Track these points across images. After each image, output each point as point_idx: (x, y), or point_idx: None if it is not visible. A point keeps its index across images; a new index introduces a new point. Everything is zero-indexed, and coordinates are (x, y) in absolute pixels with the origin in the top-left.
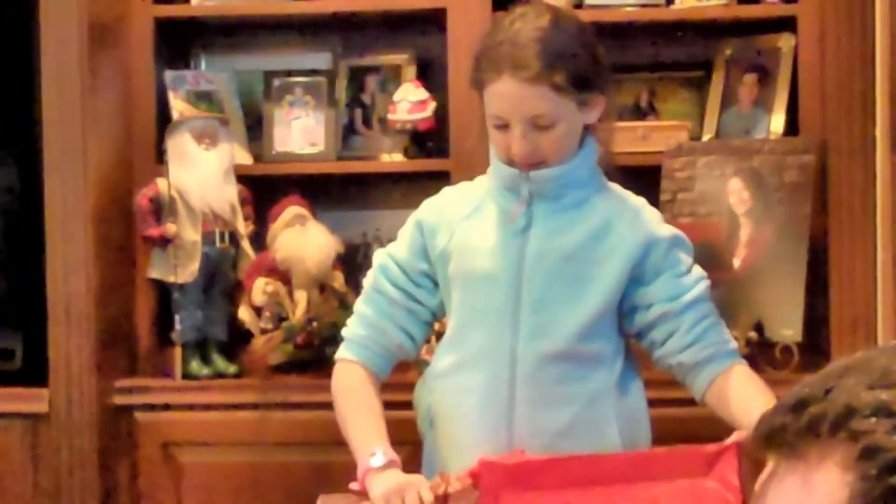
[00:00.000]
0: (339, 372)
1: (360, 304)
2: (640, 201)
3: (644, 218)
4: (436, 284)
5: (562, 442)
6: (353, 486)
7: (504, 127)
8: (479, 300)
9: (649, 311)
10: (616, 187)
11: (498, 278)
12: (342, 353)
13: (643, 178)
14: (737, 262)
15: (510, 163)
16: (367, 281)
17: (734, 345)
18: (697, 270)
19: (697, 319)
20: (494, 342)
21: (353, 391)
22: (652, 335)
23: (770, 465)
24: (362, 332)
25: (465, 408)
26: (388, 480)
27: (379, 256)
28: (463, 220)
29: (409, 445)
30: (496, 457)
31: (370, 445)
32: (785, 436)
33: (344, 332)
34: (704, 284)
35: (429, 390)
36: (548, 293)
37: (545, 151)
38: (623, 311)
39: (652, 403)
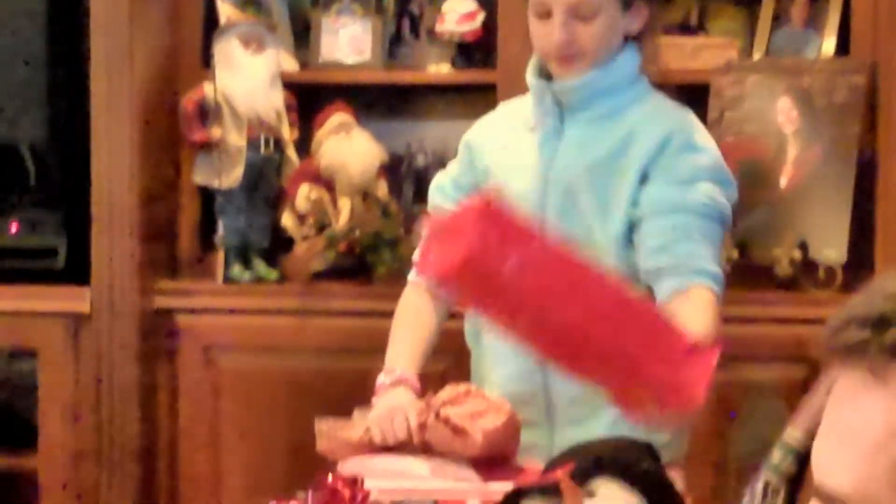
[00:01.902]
0: (403, 293)
1: (424, 227)
2: (678, 109)
3: (670, 120)
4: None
5: None
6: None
7: (546, 16)
8: None
9: (636, 210)
10: (660, 98)
11: (526, 193)
12: (410, 275)
13: (691, 96)
14: (783, 182)
15: (547, 63)
16: (428, 203)
17: (706, 265)
18: (706, 186)
19: (673, 227)
20: None
21: (401, 314)
22: (633, 238)
23: (843, 376)
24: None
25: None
26: (383, 402)
27: (435, 178)
28: (503, 139)
29: (451, 354)
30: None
31: (390, 363)
32: (866, 352)
33: (414, 256)
34: (703, 199)
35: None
36: (569, 207)
37: (583, 44)
38: None
39: None
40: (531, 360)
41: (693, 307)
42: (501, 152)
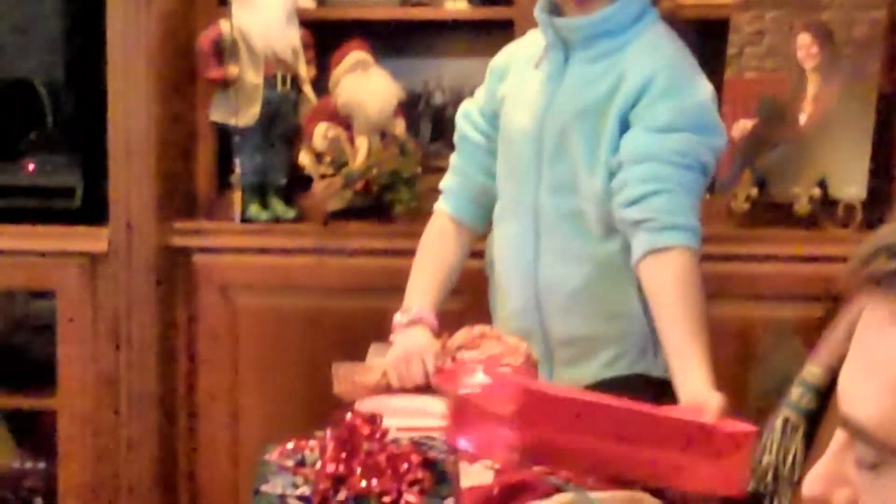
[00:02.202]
0: (428, 225)
1: (452, 156)
2: (669, 47)
3: (656, 59)
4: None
5: (579, 299)
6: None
7: None
8: (513, 151)
9: (615, 157)
10: (657, 33)
11: (526, 130)
12: (437, 204)
13: (710, 32)
14: (802, 119)
15: (564, 3)
16: (455, 131)
17: (681, 220)
18: (687, 135)
19: (647, 178)
20: (523, 194)
21: (425, 245)
22: (612, 185)
23: (870, 307)
24: (451, 180)
25: (505, 255)
26: (400, 344)
27: (462, 105)
28: (521, 68)
29: (470, 294)
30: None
31: (408, 301)
32: (895, 283)
33: (440, 184)
34: (682, 149)
35: (491, 236)
36: (562, 149)
37: None
38: None
39: None
40: (529, 297)
41: (673, 281)
42: (515, 84)
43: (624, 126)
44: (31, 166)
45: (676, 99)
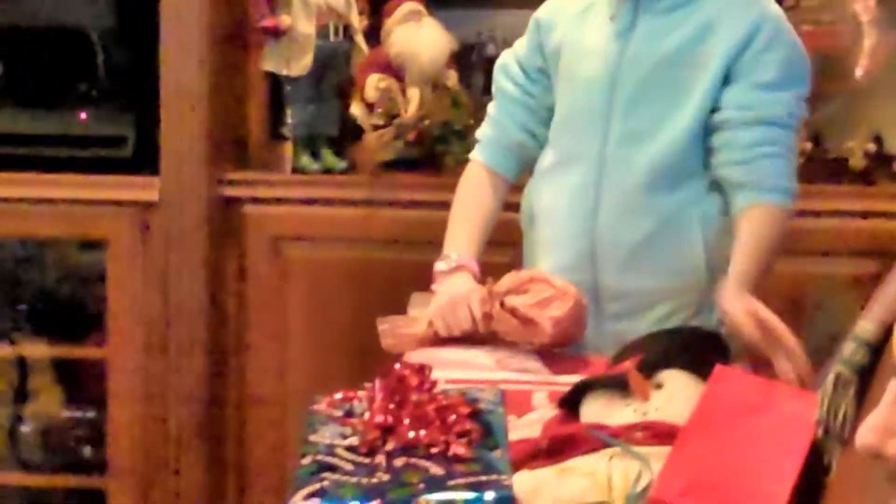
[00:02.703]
0: (463, 174)
1: (489, 106)
2: (756, 1)
3: (754, 11)
4: (551, 81)
5: (640, 254)
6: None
7: None
8: (577, 101)
9: (719, 112)
10: None
11: (595, 80)
12: (472, 153)
13: None
14: (858, 72)
15: None
16: (493, 82)
17: (783, 182)
18: (792, 94)
19: (757, 142)
20: (586, 144)
21: (462, 195)
22: (712, 139)
23: None
24: (488, 131)
25: (557, 208)
26: (444, 292)
27: (502, 55)
28: (576, 17)
29: (510, 246)
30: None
31: (448, 249)
32: None
33: (476, 133)
34: (788, 109)
35: (533, 188)
36: (640, 98)
37: None
38: None
39: None
40: (583, 251)
41: (763, 234)
42: (574, 32)
43: (726, 75)
44: (83, 115)
45: (780, 52)
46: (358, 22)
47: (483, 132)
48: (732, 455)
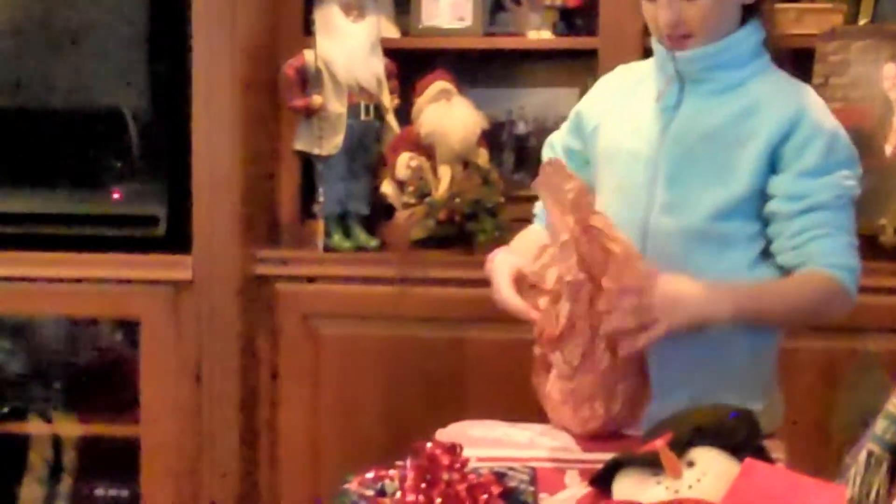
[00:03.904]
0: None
1: None
2: (801, 87)
3: (796, 100)
4: (586, 163)
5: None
6: None
7: None
8: (620, 175)
9: (769, 203)
10: (783, 74)
11: (639, 154)
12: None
13: (795, 62)
14: (888, 150)
15: (661, 41)
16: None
17: (836, 260)
18: (838, 174)
19: (806, 228)
20: (629, 216)
21: (520, 235)
22: (768, 229)
23: None
24: (539, 203)
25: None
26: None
27: (550, 137)
28: (620, 96)
29: None
30: None
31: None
32: None
33: (535, 209)
34: (836, 192)
35: None
36: (684, 171)
37: (691, 23)
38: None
39: None
40: None
41: (800, 279)
42: (616, 108)
43: (772, 162)
44: (116, 195)
45: (825, 138)
46: (389, 101)
47: (537, 205)
48: None
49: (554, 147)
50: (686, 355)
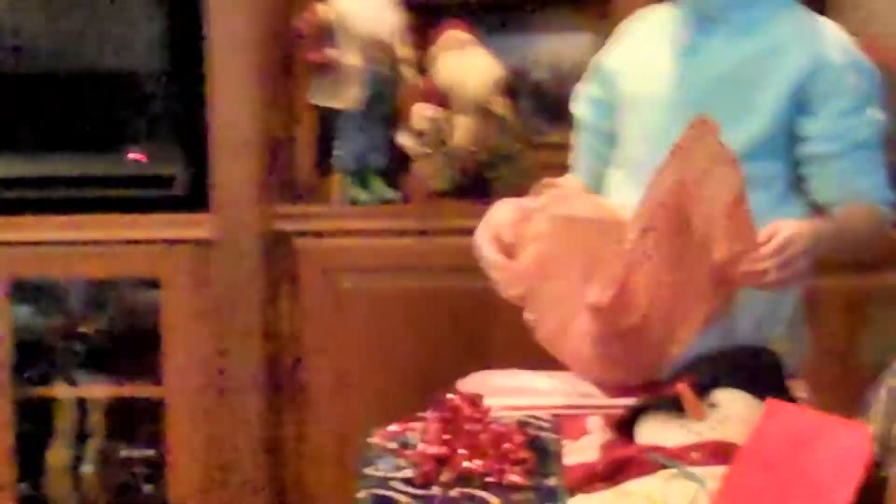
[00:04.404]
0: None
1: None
2: (822, 24)
3: (820, 39)
4: (612, 110)
5: None
6: None
7: None
8: (642, 121)
9: (805, 145)
10: (803, 11)
11: (659, 100)
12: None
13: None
14: None
15: None
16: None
17: (878, 194)
18: (871, 109)
19: (850, 166)
20: (652, 162)
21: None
22: (803, 170)
23: None
24: (572, 157)
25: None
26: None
27: (577, 87)
28: (639, 42)
29: None
30: None
31: None
32: None
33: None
34: (872, 128)
35: None
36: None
37: None
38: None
39: None
40: None
41: (851, 210)
42: (634, 58)
43: (800, 103)
44: (133, 155)
45: (853, 75)
46: (405, 52)
47: (572, 157)
48: (785, 488)
49: (580, 98)
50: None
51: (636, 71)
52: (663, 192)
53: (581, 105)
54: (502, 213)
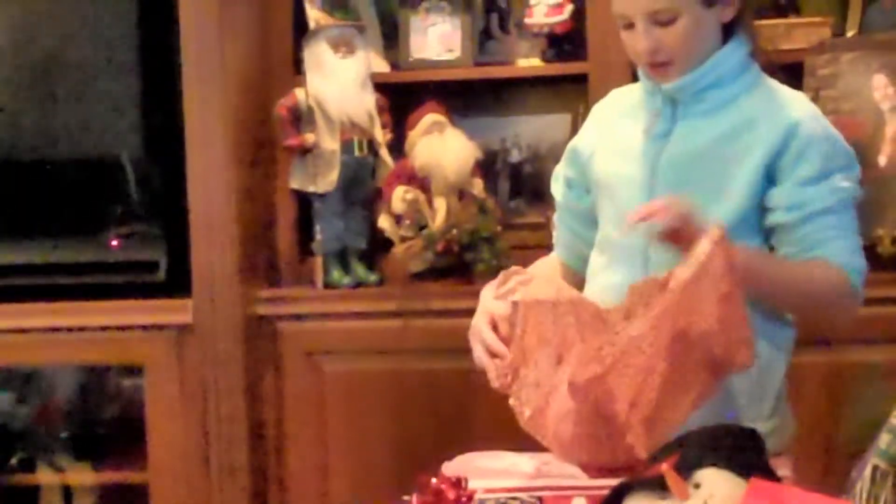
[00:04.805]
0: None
1: (555, 215)
2: (792, 95)
3: (788, 112)
4: (587, 192)
5: None
6: None
7: (630, 26)
8: (619, 204)
9: (770, 215)
10: (774, 84)
11: (634, 181)
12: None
13: (785, 76)
14: (882, 160)
15: (644, 69)
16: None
17: (844, 259)
18: (836, 177)
19: (810, 234)
20: (630, 244)
21: (539, 262)
22: (771, 241)
23: None
24: (554, 235)
25: (609, 305)
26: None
27: (556, 169)
28: (614, 123)
29: None
30: None
31: None
32: None
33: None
34: (837, 196)
35: (587, 291)
36: (678, 195)
37: (669, 49)
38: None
39: None
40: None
41: (813, 264)
42: (612, 136)
43: (770, 174)
44: (115, 242)
45: (819, 146)
46: (381, 135)
47: (553, 235)
48: None
49: (558, 179)
50: None
51: (610, 153)
52: (658, 284)
53: (557, 186)
54: (496, 304)
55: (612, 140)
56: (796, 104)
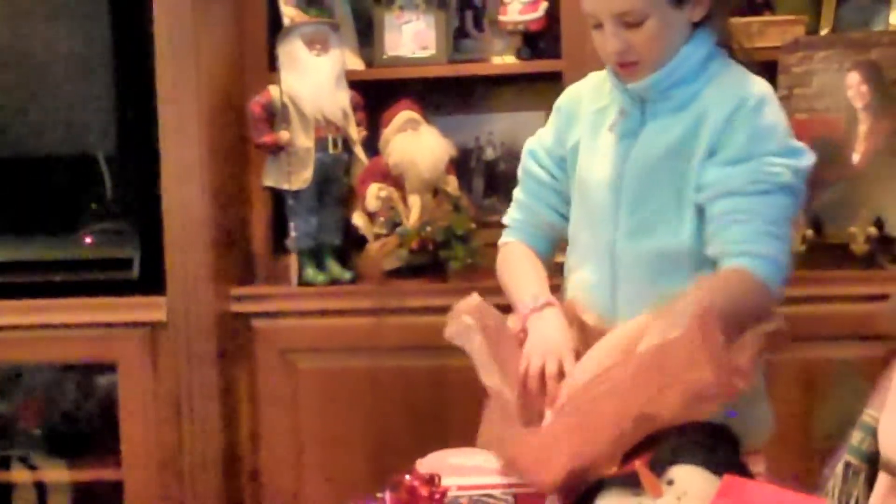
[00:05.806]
0: (500, 253)
1: (515, 191)
2: (749, 80)
3: (736, 91)
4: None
5: None
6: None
7: (599, 27)
8: (591, 203)
9: (697, 195)
10: (734, 72)
11: (603, 182)
12: (503, 238)
13: (760, 74)
14: (856, 158)
15: (613, 68)
16: (520, 167)
17: (749, 248)
18: (760, 160)
19: (723, 213)
20: (598, 242)
21: (513, 260)
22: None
23: None
24: (517, 215)
25: (581, 303)
26: (541, 330)
27: (528, 141)
28: (592, 116)
29: None
30: None
31: (529, 290)
32: None
33: (504, 219)
34: (752, 178)
35: (566, 286)
36: (644, 193)
37: (638, 50)
38: None
39: None
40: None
41: (714, 280)
42: (590, 132)
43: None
44: (88, 239)
45: (748, 127)
46: (356, 133)
47: (511, 217)
48: None
49: (537, 156)
50: None
51: (587, 152)
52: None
53: (539, 153)
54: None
55: (591, 140)
56: (745, 87)
